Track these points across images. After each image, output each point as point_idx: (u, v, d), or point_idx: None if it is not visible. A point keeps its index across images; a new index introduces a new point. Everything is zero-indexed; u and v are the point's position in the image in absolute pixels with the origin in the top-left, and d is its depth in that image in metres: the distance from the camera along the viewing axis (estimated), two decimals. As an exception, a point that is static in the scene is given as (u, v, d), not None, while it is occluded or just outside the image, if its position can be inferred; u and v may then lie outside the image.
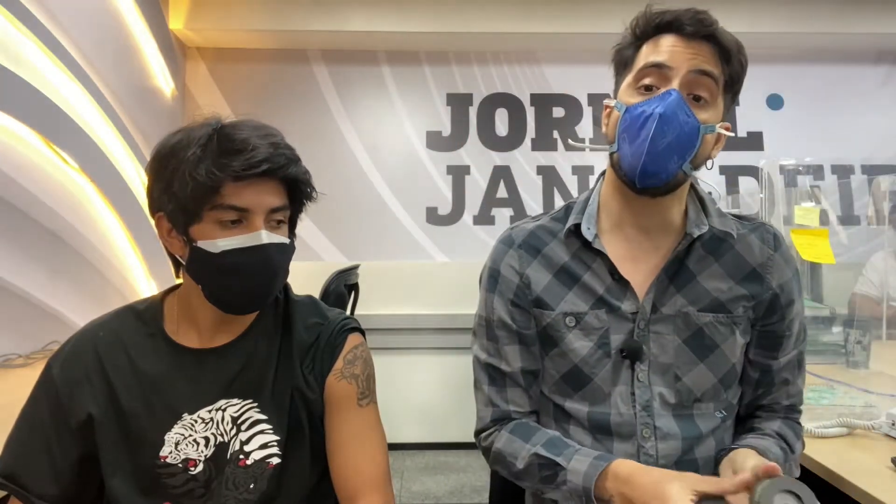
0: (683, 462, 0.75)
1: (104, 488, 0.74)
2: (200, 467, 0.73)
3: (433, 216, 3.17)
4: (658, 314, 0.78)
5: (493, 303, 0.84)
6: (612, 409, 0.77)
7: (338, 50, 3.17)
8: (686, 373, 0.77)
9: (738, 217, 0.84)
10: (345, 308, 2.38)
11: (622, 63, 0.79)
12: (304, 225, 3.06)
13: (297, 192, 0.78)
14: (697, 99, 0.72)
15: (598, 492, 0.69)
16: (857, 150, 3.21)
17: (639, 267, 0.79)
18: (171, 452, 0.73)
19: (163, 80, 2.81)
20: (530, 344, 0.83)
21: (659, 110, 0.68)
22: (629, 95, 0.75)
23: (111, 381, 0.74)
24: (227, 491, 0.73)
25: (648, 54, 0.74)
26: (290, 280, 0.91)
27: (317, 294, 2.06)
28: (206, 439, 0.74)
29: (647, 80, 0.73)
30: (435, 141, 3.20)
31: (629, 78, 0.76)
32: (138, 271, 2.47)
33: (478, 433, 0.86)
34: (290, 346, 0.80)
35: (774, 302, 0.80)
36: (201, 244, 0.71)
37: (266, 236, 0.71)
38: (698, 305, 0.78)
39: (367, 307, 2.75)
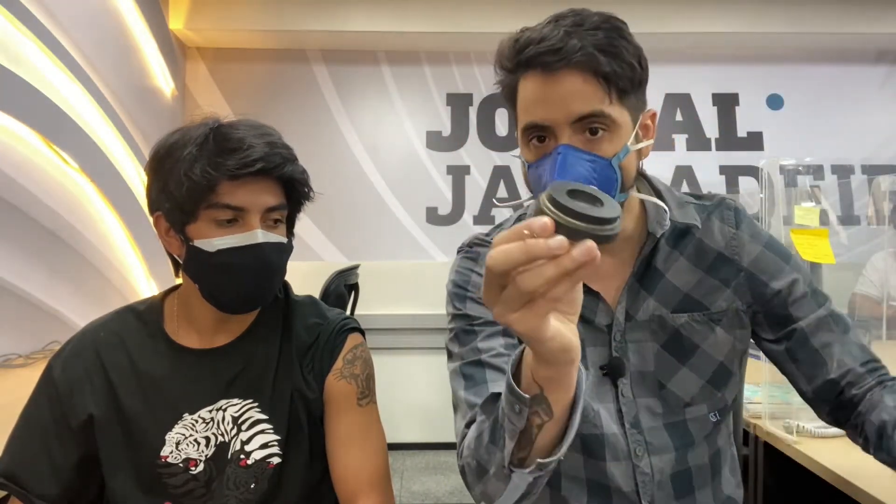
0: (678, 473, 0.72)
1: (105, 488, 0.74)
2: (201, 467, 0.73)
3: (433, 216, 3.17)
4: (632, 322, 0.74)
5: (466, 308, 0.75)
6: (603, 429, 0.72)
7: (338, 50, 3.18)
8: (669, 378, 0.74)
9: (697, 198, 0.79)
10: (345, 308, 2.38)
11: (509, 100, 0.71)
12: (304, 225, 3.06)
13: (295, 191, 0.78)
14: (595, 132, 0.63)
15: (525, 387, 0.52)
16: (857, 150, 3.21)
17: (606, 279, 0.75)
18: (171, 452, 0.73)
19: (163, 80, 2.81)
20: (515, 337, 0.72)
21: (556, 179, 0.60)
22: (526, 151, 0.68)
23: (112, 382, 0.75)
24: (229, 491, 0.73)
25: (525, 106, 0.67)
26: (290, 280, 0.91)
27: (317, 294, 2.06)
28: (207, 439, 0.74)
29: (534, 137, 0.66)
30: (435, 141, 3.20)
31: (518, 129, 0.69)
32: (138, 271, 2.47)
33: (459, 456, 0.67)
34: (290, 346, 0.80)
35: (753, 281, 0.75)
36: (198, 243, 0.71)
37: (262, 235, 0.71)
38: (671, 306, 0.74)
39: (367, 307, 2.75)
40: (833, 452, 0.98)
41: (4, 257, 1.76)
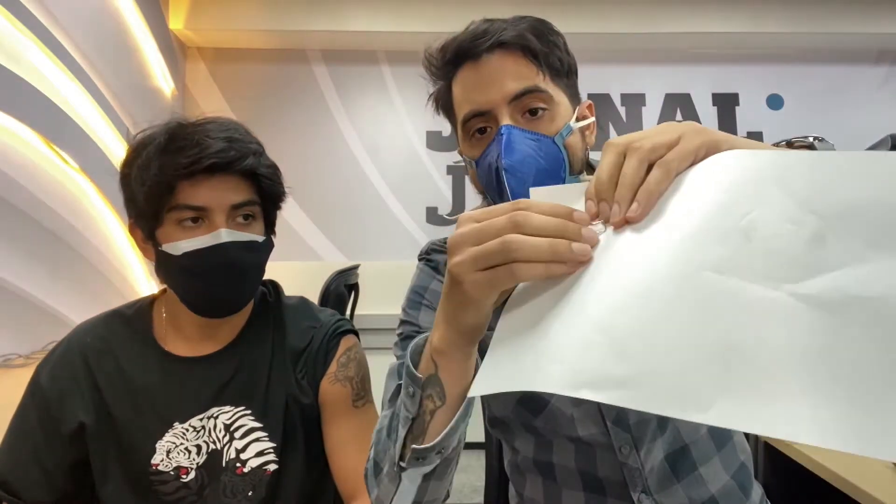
0: (673, 454, 0.67)
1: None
2: (192, 475, 0.72)
3: (433, 216, 3.17)
4: None
5: (418, 318, 0.73)
6: (579, 432, 0.68)
7: (338, 50, 3.17)
8: None
9: None
10: (344, 308, 2.37)
11: (446, 109, 0.71)
12: (304, 225, 3.06)
13: (264, 186, 0.75)
14: (535, 112, 0.62)
15: (422, 369, 0.50)
16: (857, 150, 3.21)
17: None
18: (162, 460, 0.72)
19: (163, 80, 2.81)
20: None
21: (503, 163, 0.59)
22: (469, 147, 0.67)
23: (101, 389, 0.74)
24: (226, 498, 0.73)
25: (462, 101, 0.66)
26: (289, 280, 0.90)
27: (316, 294, 2.06)
28: (198, 447, 0.73)
29: (475, 128, 0.65)
30: (435, 141, 3.20)
31: (459, 130, 0.68)
32: (138, 271, 2.47)
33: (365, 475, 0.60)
34: (283, 351, 0.79)
35: None
36: (165, 247, 0.69)
37: (226, 234, 0.69)
38: None
39: (367, 307, 2.74)
40: (834, 453, 0.98)
41: (4, 257, 1.76)
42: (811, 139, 0.48)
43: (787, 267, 0.32)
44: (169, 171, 0.67)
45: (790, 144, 0.47)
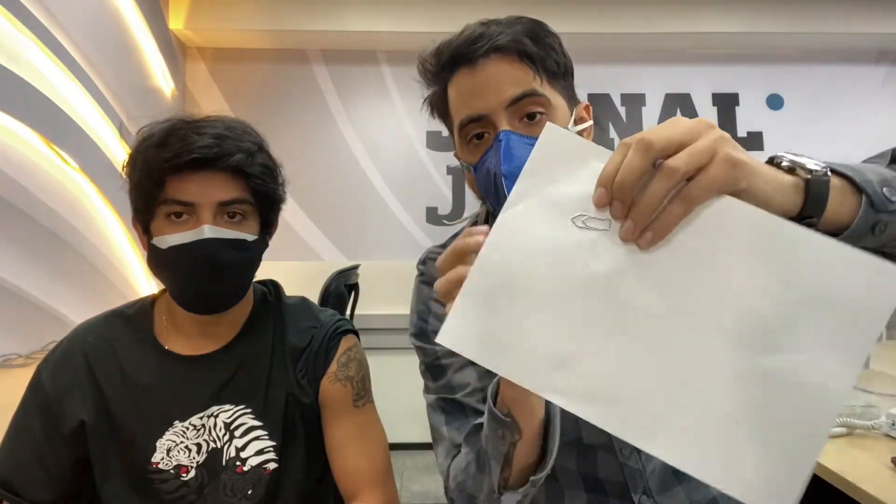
0: None
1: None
2: (192, 473, 0.73)
3: (433, 216, 3.17)
4: None
5: (427, 345, 0.73)
6: (581, 432, 0.68)
7: (338, 50, 3.17)
8: None
9: None
10: (344, 308, 2.37)
11: (442, 113, 0.71)
12: (304, 225, 3.07)
13: (254, 185, 0.73)
14: (532, 116, 0.62)
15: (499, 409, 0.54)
16: (858, 151, 3.20)
17: None
18: (162, 459, 0.72)
19: (163, 80, 2.81)
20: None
21: (502, 169, 0.58)
22: (467, 152, 0.66)
23: (102, 388, 0.74)
24: (226, 497, 0.73)
25: (458, 106, 0.65)
26: (290, 280, 0.90)
27: (316, 294, 2.06)
28: (198, 446, 0.73)
29: (473, 134, 0.64)
30: (435, 141, 3.20)
31: (456, 135, 0.68)
32: (138, 271, 2.47)
33: (446, 490, 0.67)
34: (284, 350, 0.80)
35: None
36: (154, 241, 0.70)
37: (209, 231, 0.68)
38: None
39: (367, 307, 2.74)
40: (833, 452, 0.98)
41: (4, 257, 1.76)
42: (823, 166, 0.45)
43: (755, 336, 0.35)
44: (153, 164, 0.68)
45: (806, 169, 0.46)
